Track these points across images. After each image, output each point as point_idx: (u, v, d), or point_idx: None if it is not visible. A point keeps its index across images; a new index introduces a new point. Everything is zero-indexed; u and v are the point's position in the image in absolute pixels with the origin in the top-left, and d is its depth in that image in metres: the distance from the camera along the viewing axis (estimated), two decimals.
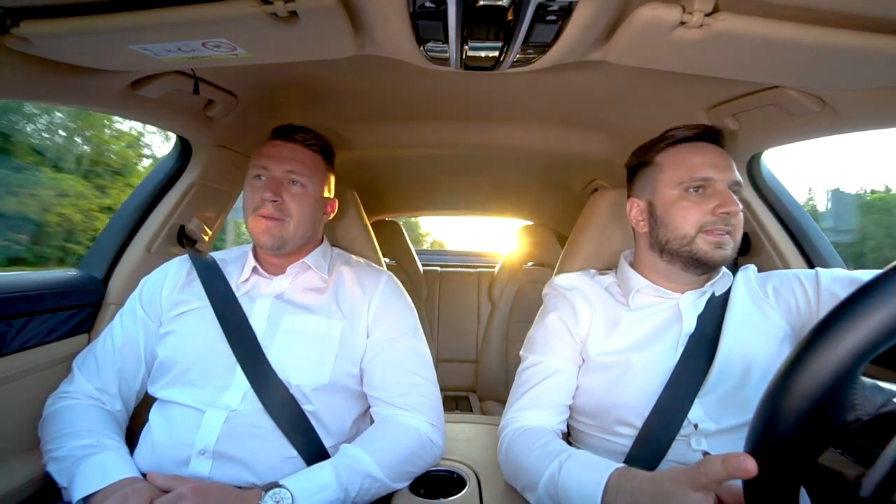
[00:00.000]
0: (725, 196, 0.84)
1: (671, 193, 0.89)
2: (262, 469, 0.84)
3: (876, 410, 0.38)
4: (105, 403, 0.92)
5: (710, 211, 0.84)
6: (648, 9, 0.61)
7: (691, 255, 0.86)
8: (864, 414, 0.38)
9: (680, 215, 0.87)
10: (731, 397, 0.82)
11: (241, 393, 0.88)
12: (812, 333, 0.38)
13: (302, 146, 1.01)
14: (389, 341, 0.98)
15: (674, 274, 0.92)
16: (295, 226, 0.97)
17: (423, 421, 0.93)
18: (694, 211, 0.85)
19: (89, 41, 0.69)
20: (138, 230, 1.22)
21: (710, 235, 0.84)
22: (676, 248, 0.88)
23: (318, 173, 1.02)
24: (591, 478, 0.70)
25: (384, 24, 0.69)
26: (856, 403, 0.38)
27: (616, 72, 0.96)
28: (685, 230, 0.86)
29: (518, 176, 1.96)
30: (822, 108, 0.89)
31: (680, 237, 0.87)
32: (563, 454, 0.77)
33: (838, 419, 0.37)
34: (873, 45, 0.63)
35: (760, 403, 0.40)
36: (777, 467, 0.39)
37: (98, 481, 0.75)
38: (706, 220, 0.85)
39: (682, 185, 0.87)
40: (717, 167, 0.86)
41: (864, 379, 0.38)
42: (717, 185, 0.85)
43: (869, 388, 0.38)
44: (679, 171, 0.88)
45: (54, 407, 0.90)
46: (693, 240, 0.86)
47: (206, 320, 0.94)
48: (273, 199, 0.94)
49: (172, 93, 0.98)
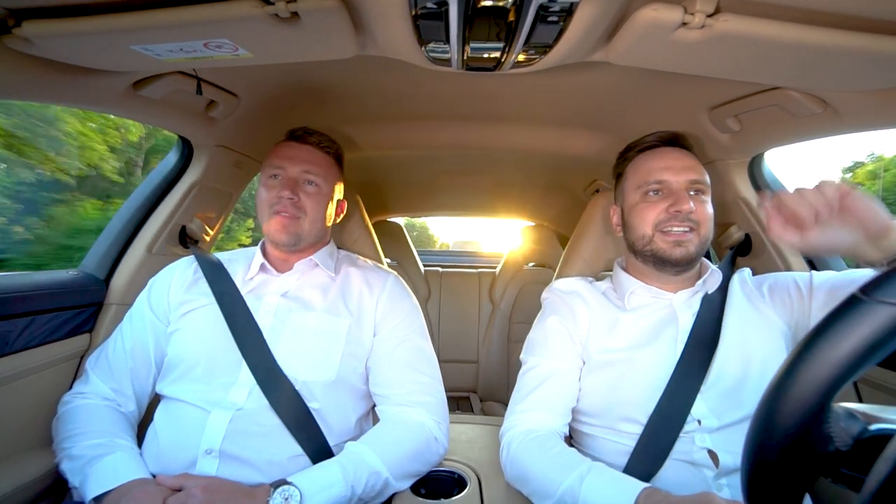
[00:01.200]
0: (678, 195, 0.89)
1: (633, 198, 0.95)
2: (267, 468, 0.84)
3: (853, 440, 0.37)
4: (120, 405, 0.94)
5: (665, 210, 0.89)
6: (650, 9, 0.61)
7: (653, 253, 0.92)
8: (843, 445, 0.37)
9: (638, 217, 0.93)
10: (732, 393, 0.84)
11: (247, 390, 0.88)
12: (779, 375, 0.39)
13: (317, 148, 1.04)
14: (396, 340, 0.99)
15: (653, 273, 0.96)
16: (310, 223, 1.00)
17: (428, 418, 0.93)
18: (649, 212, 0.91)
19: (91, 42, 0.70)
20: (140, 230, 1.22)
21: (668, 235, 0.89)
22: (640, 248, 0.94)
23: (331, 175, 1.05)
24: (618, 496, 0.70)
25: (385, 24, 0.69)
26: (832, 436, 0.38)
27: (618, 72, 0.96)
28: (643, 230, 0.92)
29: (519, 177, 1.96)
30: (824, 109, 0.89)
31: (640, 237, 0.93)
32: (584, 466, 0.77)
33: (818, 452, 0.38)
34: (875, 47, 0.63)
35: (746, 440, 0.40)
36: (773, 499, 0.39)
37: (110, 481, 0.76)
38: (661, 219, 0.90)
39: (641, 190, 0.93)
40: (672, 169, 0.91)
41: (837, 408, 0.38)
42: (671, 185, 0.91)
43: (843, 418, 0.38)
44: (637, 176, 0.95)
45: (69, 406, 0.90)
46: (651, 239, 0.91)
47: (212, 317, 0.95)
48: (290, 196, 0.96)
49: (174, 93, 0.98)
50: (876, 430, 0.37)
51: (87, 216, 7.58)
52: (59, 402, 0.93)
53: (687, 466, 0.81)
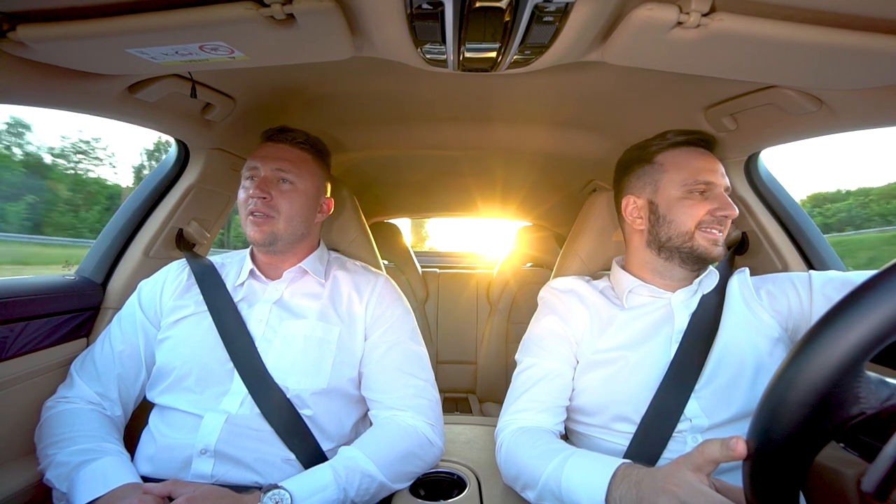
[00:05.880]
0: (724, 200, 0.90)
1: (674, 192, 0.93)
2: (263, 469, 0.84)
3: (881, 404, 0.37)
4: (105, 409, 0.92)
5: (710, 212, 0.90)
6: (645, 9, 0.61)
7: (691, 251, 0.92)
8: (869, 407, 0.37)
9: (683, 212, 0.92)
10: (725, 393, 0.85)
11: (240, 399, 0.88)
12: (817, 326, 0.38)
13: (290, 145, 1.03)
14: (387, 344, 0.99)
15: (668, 270, 0.96)
16: (285, 222, 0.98)
17: (421, 421, 0.93)
18: (696, 209, 0.91)
19: (86, 45, 0.69)
20: (137, 234, 1.22)
21: (708, 234, 0.90)
22: (678, 244, 0.92)
23: (306, 171, 1.02)
24: (597, 471, 0.71)
25: (381, 26, 0.69)
26: (860, 397, 0.37)
27: (613, 72, 0.97)
28: (687, 227, 0.91)
29: (516, 177, 1.96)
30: (819, 107, 0.89)
31: (682, 234, 0.92)
32: (567, 451, 0.78)
33: (842, 412, 0.37)
34: (870, 45, 0.63)
35: (764, 395, 0.40)
36: (779, 460, 0.39)
37: (100, 487, 0.74)
38: (704, 220, 0.90)
39: (686, 187, 0.92)
40: (716, 173, 0.92)
41: (870, 373, 0.38)
42: (716, 189, 0.92)
43: (874, 382, 0.38)
44: (682, 172, 0.93)
45: (53, 411, 0.89)
46: (693, 236, 0.91)
47: (204, 326, 0.94)
48: (261, 195, 0.95)
49: (170, 96, 0.98)
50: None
51: None
52: (43, 408, 0.91)
53: None
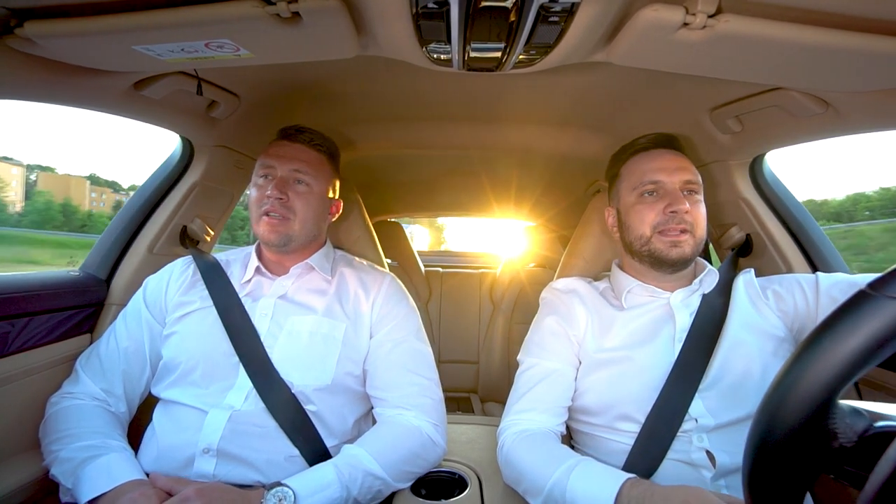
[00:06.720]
0: (674, 195, 0.91)
1: (629, 199, 0.96)
2: (266, 467, 0.84)
3: (857, 437, 0.37)
4: (110, 405, 0.93)
5: (662, 211, 0.91)
6: (651, 10, 0.61)
7: (651, 254, 0.93)
8: (847, 441, 0.37)
9: (636, 218, 0.94)
10: (731, 393, 0.84)
11: (245, 393, 0.88)
12: (784, 369, 0.39)
13: (307, 146, 1.02)
14: (392, 342, 0.99)
15: (649, 273, 0.98)
16: (300, 224, 0.98)
17: (425, 420, 0.93)
18: (647, 212, 0.93)
19: (93, 42, 0.70)
20: (141, 230, 1.22)
21: (665, 236, 0.91)
22: (638, 248, 0.95)
23: (322, 173, 1.03)
24: (602, 485, 0.71)
25: (387, 25, 0.69)
26: (837, 432, 0.37)
27: (619, 73, 0.96)
28: (641, 231, 0.93)
29: (521, 177, 1.95)
30: (825, 109, 0.88)
31: (638, 238, 0.94)
32: (572, 460, 0.78)
33: (822, 448, 0.37)
34: (876, 47, 0.63)
35: (749, 435, 0.40)
36: (774, 495, 0.39)
37: (104, 483, 0.75)
38: (659, 220, 0.91)
39: (637, 191, 0.95)
40: (665, 170, 0.93)
41: (843, 404, 0.38)
42: (665, 186, 0.92)
43: (848, 414, 0.38)
44: (633, 177, 0.96)
45: (58, 406, 0.89)
46: (650, 240, 0.92)
47: (210, 321, 0.94)
48: (279, 196, 0.95)
49: (175, 93, 0.98)
50: (881, 427, 0.37)
51: None
52: (48, 404, 0.91)
53: (685, 467, 0.82)
